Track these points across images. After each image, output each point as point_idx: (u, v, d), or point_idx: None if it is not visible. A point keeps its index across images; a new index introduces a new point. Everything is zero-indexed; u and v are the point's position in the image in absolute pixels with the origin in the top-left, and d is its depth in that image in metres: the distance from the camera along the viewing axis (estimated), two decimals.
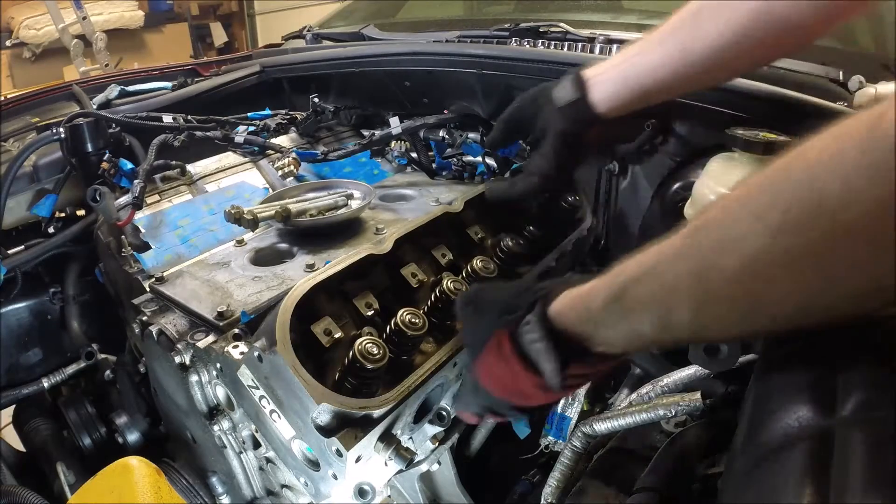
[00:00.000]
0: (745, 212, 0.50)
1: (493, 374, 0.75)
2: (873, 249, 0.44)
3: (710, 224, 0.54)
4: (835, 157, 0.44)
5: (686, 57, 0.92)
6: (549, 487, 1.03)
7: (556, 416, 1.24)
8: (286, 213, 1.09)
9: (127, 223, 1.16)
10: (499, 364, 0.73)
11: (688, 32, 0.91)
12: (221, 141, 1.41)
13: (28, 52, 4.86)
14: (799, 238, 0.46)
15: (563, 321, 0.68)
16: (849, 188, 0.43)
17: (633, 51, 0.98)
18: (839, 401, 0.52)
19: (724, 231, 0.52)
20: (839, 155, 0.44)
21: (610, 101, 0.99)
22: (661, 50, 0.94)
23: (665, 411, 0.94)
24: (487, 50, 1.44)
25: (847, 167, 0.43)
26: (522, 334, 0.70)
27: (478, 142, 1.48)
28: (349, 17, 2.37)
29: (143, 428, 1.25)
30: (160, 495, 0.81)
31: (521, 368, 0.70)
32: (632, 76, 0.97)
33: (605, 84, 0.99)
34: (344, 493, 0.83)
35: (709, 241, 0.53)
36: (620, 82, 0.98)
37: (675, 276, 0.56)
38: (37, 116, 1.61)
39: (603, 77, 0.99)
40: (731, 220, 0.52)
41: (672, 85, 0.96)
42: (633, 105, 1.00)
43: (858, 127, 0.44)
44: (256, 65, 1.81)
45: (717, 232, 0.53)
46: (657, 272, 0.58)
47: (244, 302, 0.94)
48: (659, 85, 0.96)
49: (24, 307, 1.40)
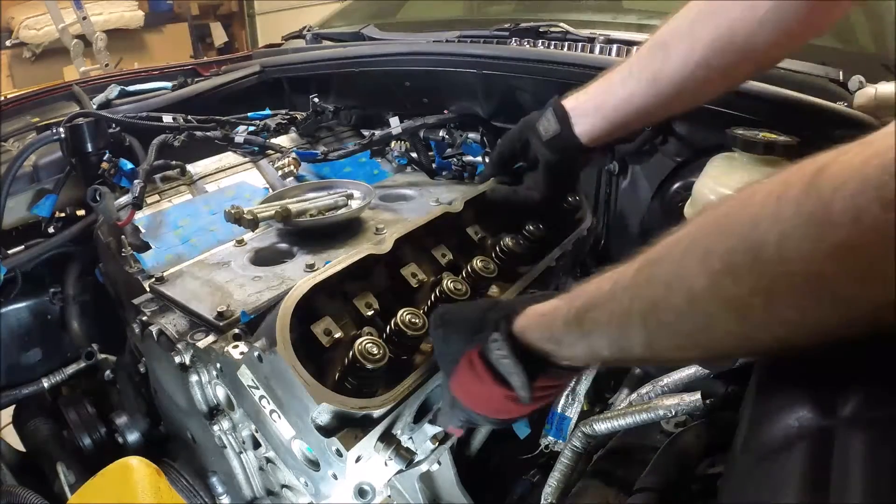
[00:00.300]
0: (690, 253, 0.52)
1: (468, 390, 0.78)
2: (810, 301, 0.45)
3: (661, 260, 0.56)
4: (774, 208, 0.45)
5: (657, 87, 0.97)
6: (549, 487, 1.03)
7: (556, 416, 1.24)
8: (286, 213, 1.09)
9: (127, 223, 1.16)
10: (473, 381, 0.76)
11: (657, 63, 0.96)
12: (221, 141, 1.41)
13: (28, 52, 4.85)
14: (738, 285, 0.48)
15: (527, 338, 0.71)
16: (784, 242, 0.44)
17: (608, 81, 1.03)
18: (839, 401, 0.52)
19: (673, 269, 0.54)
20: (778, 206, 0.45)
21: (591, 132, 1.05)
22: (633, 81, 0.99)
23: (665, 411, 0.94)
24: (487, 50, 1.44)
25: (784, 220, 0.44)
26: (491, 351, 0.73)
27: (478, 142, 1.48)
28: (349, 17, 2.37)
29: (143, 428, 1.25)
30: (160, 495, 0.81)
31: (494, 384, 0.73)
32: (609, 107, 1.03)
33: (585, 116, 1.05)
34: (344, 493, 0.83)
35: (659, 276, 0.55)
36: (599, 114, 1.04)
37: (628, 305, 0.58)
38: (37, 116, 1.61)
39: (582, 109, 1.05)
40: (679, 258, 0.53)
41: (646, 114, 1.02)
42: (613, 134, 1.06)
43: (800, 177, 0.44)
44: (256, 65, 1.81)
45: (667, 268, 0.55)
46: (613, 299, 0.60)
47: (244, 302, 0.94)
48: (634, 114, 1.01)
49: (24, 307, 1.40)
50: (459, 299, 0.94)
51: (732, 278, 0.48)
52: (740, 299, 0.48)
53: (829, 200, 0.41)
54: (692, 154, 1.24)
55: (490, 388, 0.74)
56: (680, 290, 0.52)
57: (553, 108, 1.07)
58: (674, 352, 0.59)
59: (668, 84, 0.95)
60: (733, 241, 0.48)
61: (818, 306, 0.45)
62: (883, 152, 0.40)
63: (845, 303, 0.44)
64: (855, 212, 0.40)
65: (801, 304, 0.45)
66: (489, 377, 0.73)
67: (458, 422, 0.84)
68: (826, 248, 0.42)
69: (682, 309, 0.52)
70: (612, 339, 0.61)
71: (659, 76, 0.96)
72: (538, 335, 0.70)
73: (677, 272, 0.53)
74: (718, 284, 0.49)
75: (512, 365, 0.70)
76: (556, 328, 0.67)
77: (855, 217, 0.40)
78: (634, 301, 0.57)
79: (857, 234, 0.40)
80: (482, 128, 1.48)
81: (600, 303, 0.62)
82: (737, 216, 0.49)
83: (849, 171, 0.41)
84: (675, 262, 0.53)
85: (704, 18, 0.91)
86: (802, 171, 0.44)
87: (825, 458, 0.48)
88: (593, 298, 0.63)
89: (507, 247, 1.08)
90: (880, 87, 1.14)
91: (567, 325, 0.66)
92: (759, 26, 0.86)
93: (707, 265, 0.49)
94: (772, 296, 0.46)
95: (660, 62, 0.96)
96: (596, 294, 0.63)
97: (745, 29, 0.87)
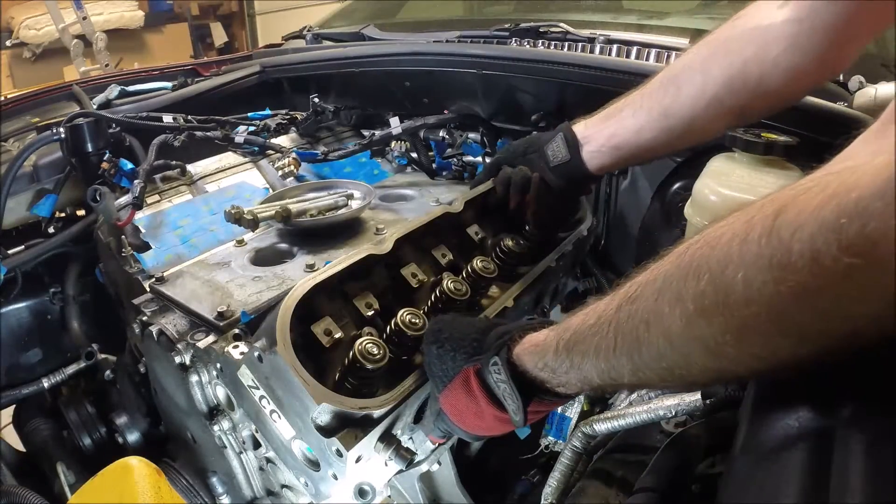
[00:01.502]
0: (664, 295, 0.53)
1: (458, 407, 0.79)
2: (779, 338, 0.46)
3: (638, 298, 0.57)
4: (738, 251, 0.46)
5: (667, 121, 0.97)
6: (549, 487, 1.02)
7: (556, 416, 1.24)
8: (286, 213, 1.09)
9: (127, 223, 1.16)
10: (466, 398, 0.77)
11: (668, 98, 0.97)
12: (221, 141, 1.41)
13: (28, 52, 4.85)
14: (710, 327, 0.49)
15: (523, 365, 0.73)
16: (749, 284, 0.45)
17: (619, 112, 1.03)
18: (839, 401, 0.52)
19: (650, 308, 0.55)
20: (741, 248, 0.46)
21: (599, 162, 1.06)
22: (644, 114, 0.99)
23: (665, 411, 0.93)
24: (487, 50, 1.44)
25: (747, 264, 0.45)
26: (490, 374, 0.74)
27: (478, 142, 1.48)
28: (349, 17, 2.37)
29: (143, 428, 1.25)
30: (160, 495, 0.81)
31: (487, 404, 0.75)
32: (618, 139, 1.03)
33: (595, 145, 1.06)
34: (344, 493, 0.83)
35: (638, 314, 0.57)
36: (608, 145, 1.04)
37: (613, 339, 0.60)
38: (37, 116, 1.61)
39: (592, 138, 1.06)
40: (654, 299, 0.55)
41: (655, 147, 1.02)
42: (622, 164, 1.08)
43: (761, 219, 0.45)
44: (256, 65, 1.81)
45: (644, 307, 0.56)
46: (598, 333, 0.62)
47: (244, 302, 0.94)
48: (643, 147, 1.02)
49: (24, 307, 1.40)
50: (459, 299, 0.94)
51: (705, 320, 0.49)
52: (713, 339, 0.49)
53: (788, 243, 0.42)
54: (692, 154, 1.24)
55: (483, 408, 0.76)
56: (658, 330, 0.54)
57: (564, 134, 1.07)
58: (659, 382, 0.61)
59: (678, 120, 0.95)
60: (703, 285, 0.49)
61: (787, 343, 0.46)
62: (841, 194, 0.40)
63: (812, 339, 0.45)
64: (813, 254, 0.41)
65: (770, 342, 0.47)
66: (484, 398, 0.75)
67: (440, 432, 0.86)
68: (787, 290, 0.42)
69: (662, 346, 0.54)
70: (601, 369, 0.63)
71: (669, 112, 0.96)
72: (532, 364, 0.72)
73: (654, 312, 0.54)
74: (692, 325, 0.50)
75: (509, 390, 0.72)
76: (549, 358, 0.69)
77: (813, 259, 0.41)
78: (618, 336, 0.59)
79: (817, 277, 0.41)
80: (482, 128, 1.47)
81: (587, 336, 0.64)
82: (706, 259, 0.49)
83: (806, 215, 0.42)
84: (651, 302, 0.55)
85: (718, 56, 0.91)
86: (764, 213, 0.45)
87: (825, 458, 0.48)
88: (580, 332, 0.65)
89: (507, 247, 1.08)
90: (880, 87, 1.14)
91: (557, 355, 0.68)
92: (773, 66, 0.86)
93: (681, 307, 0.51)
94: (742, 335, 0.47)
95: (671, 97, 0.95)
96: (582, 328, 0.65)
97: (758, 68, 0.87)
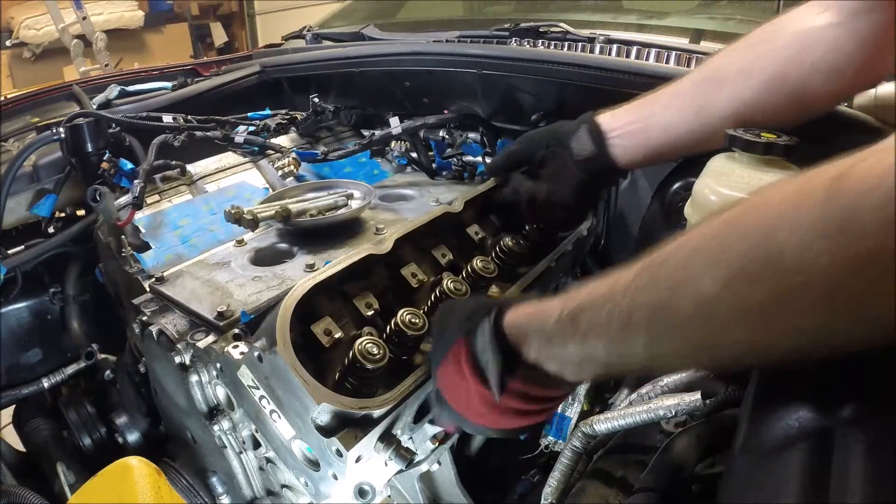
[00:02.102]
0: (699, 255, 0.50)
1: (449, 383, 0.76)
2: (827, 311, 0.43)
3: (665, 262, 0.54)
4: (792, 216, 0.44)
5: (700, 119, 0.95)
6: (549, 487, 1.02)
7: (556, 416, 1.24)
8: (286, 213, 1.09)
9: (127, 223, 1.16)
10: (455, 372, 0.73)
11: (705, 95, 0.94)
12: (221, 141, 1.41)
13: (28, 52, 4.85)
14: (752, 292, 0.46)
15: (516, 331, 0.68)
16: (804, 251, 0.42)
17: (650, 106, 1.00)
18: (839, 401, 0.52)
19: (678, 271, 0.52)
20: (796, 213, 0.44)
21: (626, 157, 1.03)
22: (676, 110, 0.97)
23: (665, 411, 0.93)
24: (487, 50, 1.44)
25: (803, 228, 0.43)
26: (475, 341, 0.70)
27: (478, 142, 1.48)
28: (349, 17, 2.37)
29: (143, 428, 1.25)
30: (160, 495, 0.81)
31: (473, 377, 0.71)
32: (647, 133, 1.00)
33: (623, 139, 1.02)
34: (344, 493, 0.83)
35: (662, 279, 0.53)
36: (636, 139, 1.01)
37: (630, 307, 0.56)
38: (37, 116, 1.61)
39: (621, 132, 1.02)
40: (685, 261, 0.51)
41: (684, 144, 0.99)
42: (649, 160, 1.04)
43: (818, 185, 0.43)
44: (256, 65, 1.81)
45: (671, 271, 0.52)
46: (611, 300, 0.58)
47: (244, 302, 0.94)
48: (672, 143, 0.99)
49: (24, 307, 1.40)
50: (459, 299, 0.94)
51: (747, 284, 0.46)
52: (755, 304, 0.46)
53: (853, 209, 0.40)
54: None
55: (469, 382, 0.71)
56: (686, 294, 0.50)
57: (588, 126, 1.04)
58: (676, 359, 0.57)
59: (713, 118, 0.93)
60: (747, 246, 0.46)
61: (835, 316, 0.43)
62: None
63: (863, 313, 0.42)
64: (883, 221, 0.39)
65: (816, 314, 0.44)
66: (470, 369, 0.71)
67: (447, 419, 0.80)
68: (848, 257, 0.40)
69: (689, 313, 0.51)
70: (609, 341, 0.59)
71: (704, 109, 0.94)
72: (528, 328, 0.67)
73: (684, 275, 0.51)
74: (730, 289, 0.47)
75: (490, 353, 0.67)
76: (550, 325, 0.64)
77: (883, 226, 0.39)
78: (635, 304, 0.55)
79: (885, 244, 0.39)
80: (482, 128, 1.47)
81: (597, 304, 0.59)
82: (752, 221, 0.47)
83: (874, 180, 0.40)
84: (681, 264, 0.51)
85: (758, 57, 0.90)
86: (820, 179, 0.43)
87: (825, 458, 0.48)
88: (589, 299, 0.61)
89: (507, 247, 1.08)
90: (880, 87, 1.14)
91: (560, 323, 0.63)
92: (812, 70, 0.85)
93: (718, 269, 0.48)
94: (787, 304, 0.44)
95: (708, 95, 0.94)
96: (592, 295, 0.61)
97: (798, 71, 0.86)
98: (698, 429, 0.88)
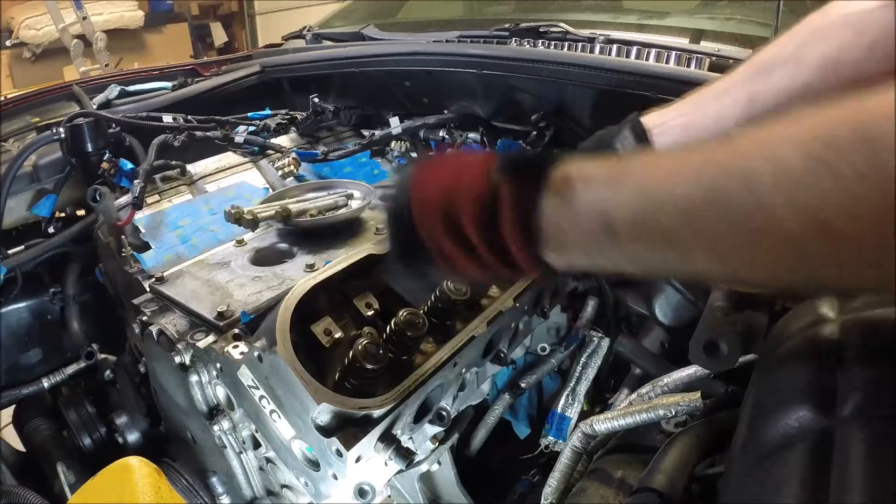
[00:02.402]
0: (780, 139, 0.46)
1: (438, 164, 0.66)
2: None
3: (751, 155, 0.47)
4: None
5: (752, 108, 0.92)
6: (549, 487, 1.02)
7: (556, 416, 1.24)
8: (286, 213, 1.09)
9: (127, 223, 1.16)
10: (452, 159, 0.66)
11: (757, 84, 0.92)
12: (221, 141, 1.41)
13: (28, 52, 4.85)
14: (845, 164, 0.42)
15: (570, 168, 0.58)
16: None
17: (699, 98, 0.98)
18: (839, 401, 0.52)
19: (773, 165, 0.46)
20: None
21: None
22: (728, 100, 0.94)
23: (665, 411, 0.93)
24: (487, 50, 1.44)
25: None
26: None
27: (478, 142, 1.48)
28: (349, 17, 2.37)
29: (143, 428, 1.25)
30: (160, 495, 0.81)
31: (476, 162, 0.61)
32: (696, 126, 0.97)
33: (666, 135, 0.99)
34: (344, 493, 0.83)
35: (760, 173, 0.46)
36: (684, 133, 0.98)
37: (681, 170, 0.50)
38: (37, 116, 1.61)
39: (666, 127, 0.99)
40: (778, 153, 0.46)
41: None
42: None
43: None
44: (256, 65, 1.81)
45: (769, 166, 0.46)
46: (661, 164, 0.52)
47: (244, 302, 0.94)
48: None
49: (24, 307, 1.40)
50: (460, 299, 0.94)
51: (841, 156, 0.43)
52: (849, 167, 0.42)
53: None
54: None
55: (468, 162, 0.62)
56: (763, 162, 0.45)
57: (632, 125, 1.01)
58: (731, 233, 0.46)
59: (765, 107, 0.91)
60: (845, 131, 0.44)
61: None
62: None
63: None
64: None
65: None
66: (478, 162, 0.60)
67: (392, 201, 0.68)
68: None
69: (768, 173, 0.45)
70: (641, 200, 0.51)
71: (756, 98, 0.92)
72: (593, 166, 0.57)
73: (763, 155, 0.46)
74: (820, 158, 0.43)
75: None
76: (571, 168, 0.56)
77: None
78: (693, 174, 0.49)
79: None
80: (482, 128, 1.48)
81: (640, 168, 0.54)
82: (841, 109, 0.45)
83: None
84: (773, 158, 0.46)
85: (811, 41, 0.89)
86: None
87: (825, 458, 0.48)
88: (627, 163, 0.55)
89: None
90: None
91: (604, 166, 0.56)
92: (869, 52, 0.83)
93: (808, 147, 0.44)
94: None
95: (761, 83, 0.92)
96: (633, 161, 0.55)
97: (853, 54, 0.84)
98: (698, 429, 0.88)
